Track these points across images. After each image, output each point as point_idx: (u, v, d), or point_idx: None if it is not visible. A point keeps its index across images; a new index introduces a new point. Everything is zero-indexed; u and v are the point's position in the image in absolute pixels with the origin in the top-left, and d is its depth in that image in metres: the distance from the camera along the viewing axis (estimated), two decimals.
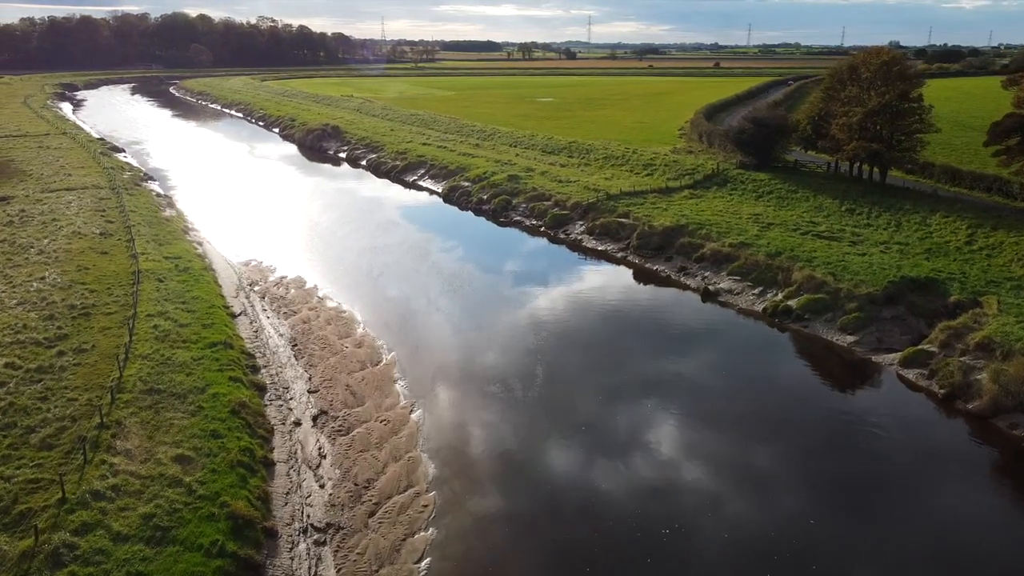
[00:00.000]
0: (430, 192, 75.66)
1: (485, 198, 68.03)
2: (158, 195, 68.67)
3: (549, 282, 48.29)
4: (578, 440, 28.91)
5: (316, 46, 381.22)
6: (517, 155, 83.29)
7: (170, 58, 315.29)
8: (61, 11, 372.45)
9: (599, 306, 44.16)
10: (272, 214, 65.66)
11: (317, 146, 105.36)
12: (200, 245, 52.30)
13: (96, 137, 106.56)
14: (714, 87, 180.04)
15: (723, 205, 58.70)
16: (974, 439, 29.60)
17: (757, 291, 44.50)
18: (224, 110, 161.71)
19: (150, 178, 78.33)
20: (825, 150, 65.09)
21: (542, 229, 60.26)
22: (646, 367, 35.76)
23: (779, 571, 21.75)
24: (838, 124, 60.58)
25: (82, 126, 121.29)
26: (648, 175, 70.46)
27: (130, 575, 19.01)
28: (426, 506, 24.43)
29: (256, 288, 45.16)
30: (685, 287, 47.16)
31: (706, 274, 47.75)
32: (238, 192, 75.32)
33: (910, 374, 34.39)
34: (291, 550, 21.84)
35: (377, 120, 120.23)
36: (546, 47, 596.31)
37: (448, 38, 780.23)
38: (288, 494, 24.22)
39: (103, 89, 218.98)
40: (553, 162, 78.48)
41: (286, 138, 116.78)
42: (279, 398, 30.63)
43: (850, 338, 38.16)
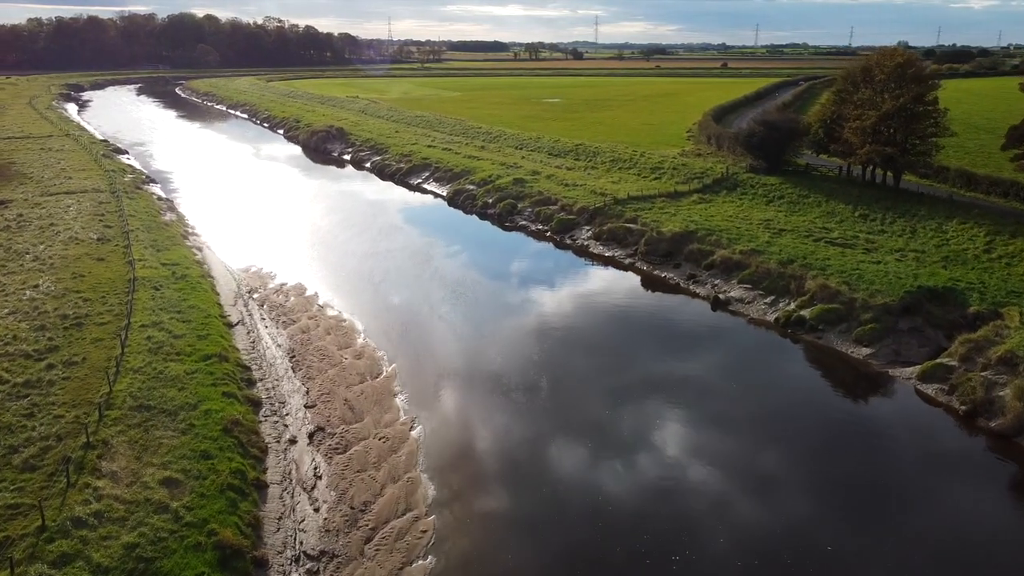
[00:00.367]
0: (435, 195, 74.63)
1: (490, 202, 66.94)
2: (159, 198, 67.81)
3: (555, 290, 47.16)
4: (586, 461, 27.76)
5: (323, 46, 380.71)
6: (523, 158, 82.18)
7: (177, 58, 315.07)
8: (69, 11, 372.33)
9: (606, 316, 43.01)
10: (274, 218, 64.72)
11: (321, 148, 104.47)
12: (199, 251, 51.35)
13: (99, 139, 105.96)
14: (722, 88, 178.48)
15: (733, 210, 57.44)
16: (998, 459, 28.37)
17: (769, 300, 43.27)
18: (229, 111, 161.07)
19: (152, 181, 77.54)
20: (837, 154, 63.71)
21: (548, 234, 59.14)
22: (656, 380, 34.53)
23: None
24: (851, 128, 59.21)
25: (86, 127, 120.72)
26: (656, 179, 69.23)
27: None
28: (425, 531, 23.34)
29: (255, 295, 44.17)
30: (694, 295, 45.97)
31: (716, 282, 46.54)
32: (240, 195, 74.43)
33: (929, 389, 33.14)
34: None
35: (382, 121, 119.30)
36: (553, 47, 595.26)
37: (455, 38, 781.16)
38: (280, 519, 23.16)
39: (109, 90, 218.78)
40: (559, 165, 77.34)
41: (290, 139, 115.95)
42: (275, 414, 29.58)
43: (866, 350, 36.92)
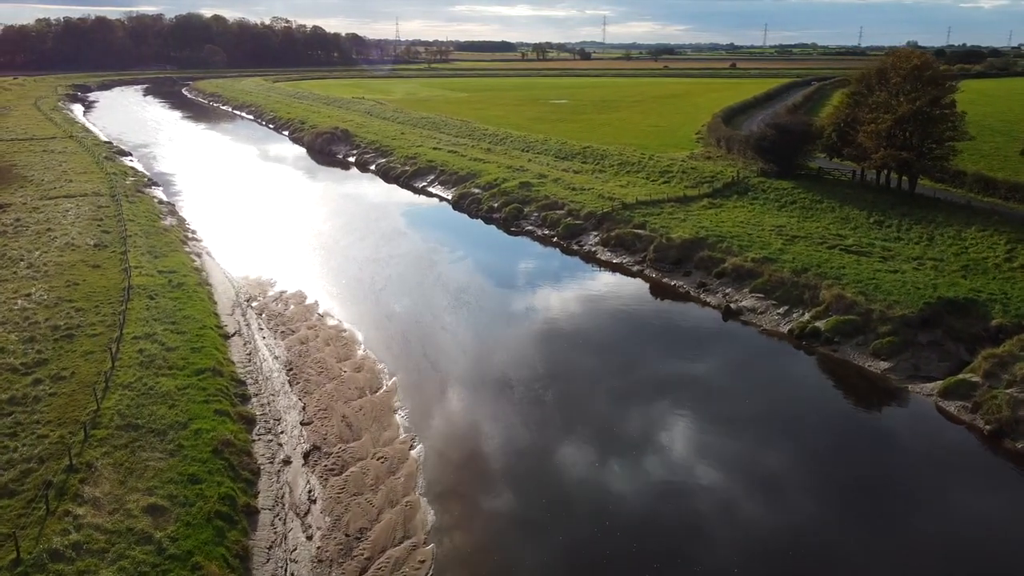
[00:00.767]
0: (440, 199, 73.50)
1: (496, 206, 65.76)
2: (160, 202, 66.85)
3: (562, 299, 45.89)
4: (597, 489, 26.47)
5: (330, 47, 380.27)
6: (529, 160, 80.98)
7: (184, 59, 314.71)
8: (77, 12, 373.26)
9: (616, 327, 41.75)
10: (276, 221, 63.69)
11: (326, 149, 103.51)
12: (198, 257, 50.31)
13: (103, 140, 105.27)
14: (731, 89, 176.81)
15: (744, 216, 56.07)
16: None
17: (782, 310, 41.93)
18: (235, 112, 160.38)
19: (154, 183, 76.64)
20: (851, 158, 62.28)
21: (554, 240, 57.92)
22: (667, 395, 33.27)
23: None
24: (865, 131, 57.74)
25: (91, 128, 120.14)
26: (665, 183, 67.92)
27: None
28: (423, 561, 22.14)
29: (254, 304, 43.08)
30: (705, 304, 44.69)
31: (727, 291, 45.22)
32: (243, 198, 73.47)
33: (951, 406, 31.77)
34: None
35: (387, 123, 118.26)
36: (560, 47, 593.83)
37: (462, 38, 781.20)
38: (271, 548, 21.99)
39: (116, 90, 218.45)
40: (566, 168, 76.10)
41: (295, 141, 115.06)
42: (269, 432, 28.44)
43: (884, 364, 35.55)
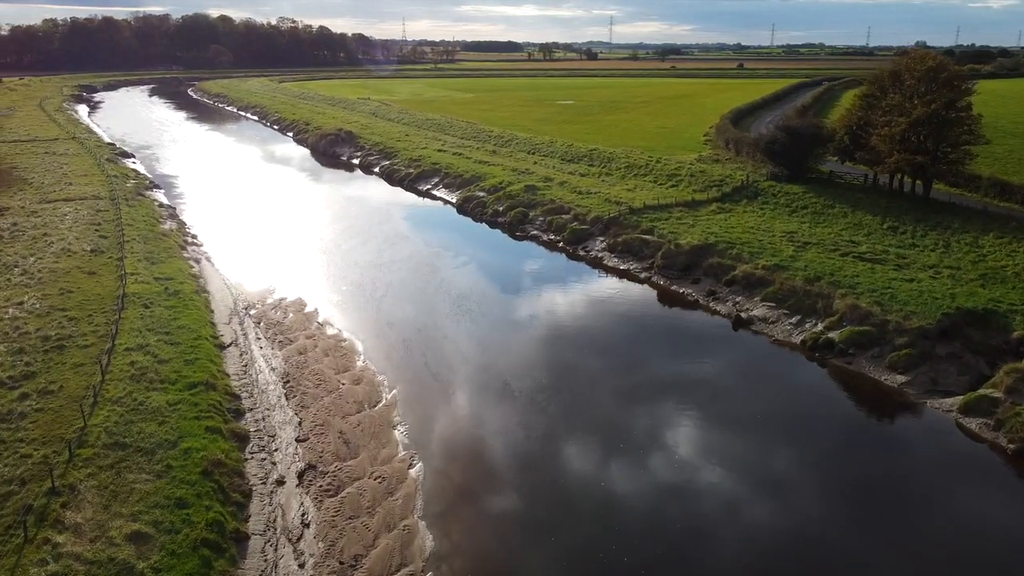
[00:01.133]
0: (444, 202, 72.45)
1: (501, 210, 64.68)
2: (160, 205, 65.98)
3: (567, 307, 44.75)
4: (603, 511, 25.35)
5: (336, 47, 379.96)
6: (535, 163, 79.86)
7: (191, 59, 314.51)
8: (84, 12, 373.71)
9: (625, 337, 40.58)
10: (277, 225, 62.75)
11: (330, 151, 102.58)
12: (197, 263, 49.35)
13: (107, 142, 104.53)
14: (739, 89, 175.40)
15: (754, 221, 54.83)
16: None
17: (794, 320, 40.71)
18: (240, 113, 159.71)
19: (156, 186, 75.80)
20: (864, 162, 60.96)
21: (560, 245, 56.79)
22: (677, 408, 32.13)
23: None
24: (879, 135, 56.44)
25: (95, 130, 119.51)
26: (673, 186, 66.72)
27: None
28: None
29: (252, 312, 42.09)
30: (714, 312, 43.49)
31: (737, 299, 44.02)
32: (245, 201, 72.57)
33: (972, 423, 30.53)
34: None
35: (392, 124, 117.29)
36: (567, 47, 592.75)
37: (469, 38, 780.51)
38: None
39: (122, 91, 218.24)
40: (573, 171, 74.94)
41: (300, 142, 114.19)
42: (263, 449, 27.39)
43: (901, 378, 34.30)
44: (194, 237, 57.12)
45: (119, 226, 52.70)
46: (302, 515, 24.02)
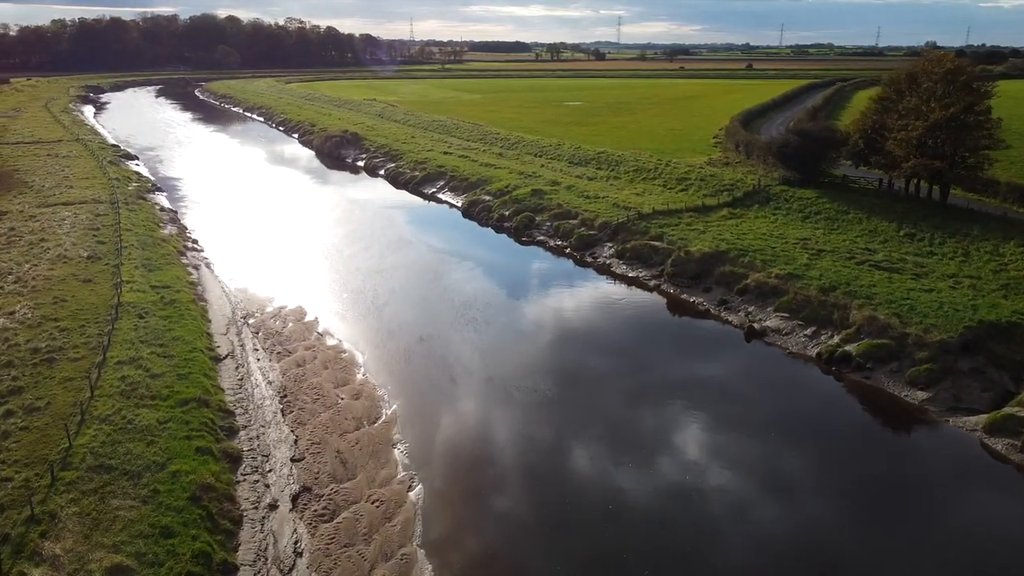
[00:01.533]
0: (449, 205, 71.32)
1: (507, 214, 63.48)
2: (161, 209, 65.03)
3: (575, 316, 43.52)
4: (614, 539, 24.13)
5: (343, 47, 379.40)
6: (542, 166, 78.62)
7: (198, 60, 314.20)
8: (92, 13, 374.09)
9: (633, 346, 39.39)
10: (279, 229, 61.72)
11: (335, 153, 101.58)
12: (196, 269, 48.28)
13: (111, 143, 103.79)
14: (748, 90, 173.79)
15: (766, 227, 53.45)
16: None
17: (809, 332, 39.36)
18: (246, 114, 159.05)
19: (158, 189, 74.90)
20: (880, 166, 59.44)
21: (567, 250, 55.56)
22: (687, 426, 30.89)
23: None
24: (895, 139, 54.96)
25: (99, 131, 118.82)
26: (683, 190, 65.38)
27: None
28: None
29: (251, 321, 40.98)
30: (726, 322, 42.19)
31: (750, 309, 42.68)
32: (247, 204, 71.60)
33: (998, 444, 29.15)
34: None
35: (398, 126, 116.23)
36: (575, 48, 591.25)
37: (477, 39, 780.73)
38: None
39: (129, 91, 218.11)
40: (580, 175, 73.66)
41: (305, 144, 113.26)
42: (255, 471, 26.23)
43: (922, 394, 32.93)
44: (194, 242, 56.13)
45: (118, 231, 51.73)
46: (295, 543, 22.86)
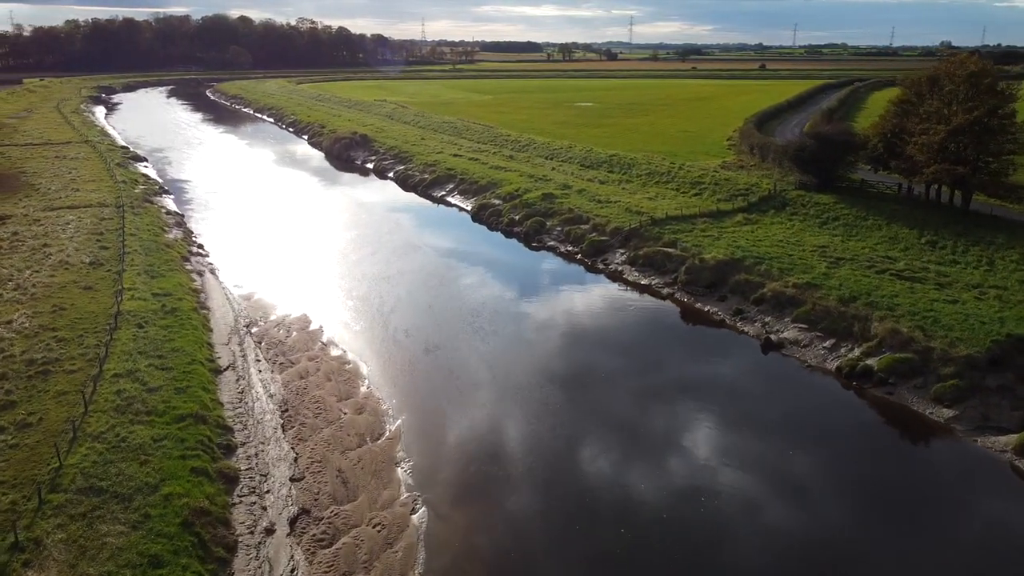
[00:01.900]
0: (459, 209, 70.27)
1: (517, 219, 62.37)
2: (168, 212, 64.28)
3: (586, 325, 42.33)
4: (624, 564, 22.98)
5: (355, 47, 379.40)
6: (553, 169, 77.44)
7: (210, 60, 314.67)
8: (106, 13, 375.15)
9: (649, 359, 38.14)
10: (286, 233, 60.86)
11: (344, 155, 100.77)
12: (199, 275, 47.42)
13: (120, 145, 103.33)
14: (761, 91, 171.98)
15: (783, 234, 52.08)
16: None
17: (828, 344, 38.03)
18: (256, 114, 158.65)
19: (165, 192, 74.27)
20: (900, 171, 57.90)
21: (578, 257, 54.39)
22: (706, 448, 29.67)
23: None
24: (916, 143, 53.45)
25: (109, 132, 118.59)
26: (696, 195, 64.05)
27: None
28: None
29: (254, 330, 40.05)
30: (742, 332, 40.92)
31: (767, 319, 41.39)
32: (254, 207, 70.82)
33: None
34: None
35: (408, 127, 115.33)
36: (587, 48, 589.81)
37: (488, 39, 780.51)
38: None
39: (140, 92, 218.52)
40: (592, 178, 72.44)
41: (314, 146, 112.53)
42: (253, 492, 25.22)
43: (948, 412, 31.57)
44: (200, 247, 55.31)
45: (122, 236, 50.96)
46: (291, 570, 21.82)
